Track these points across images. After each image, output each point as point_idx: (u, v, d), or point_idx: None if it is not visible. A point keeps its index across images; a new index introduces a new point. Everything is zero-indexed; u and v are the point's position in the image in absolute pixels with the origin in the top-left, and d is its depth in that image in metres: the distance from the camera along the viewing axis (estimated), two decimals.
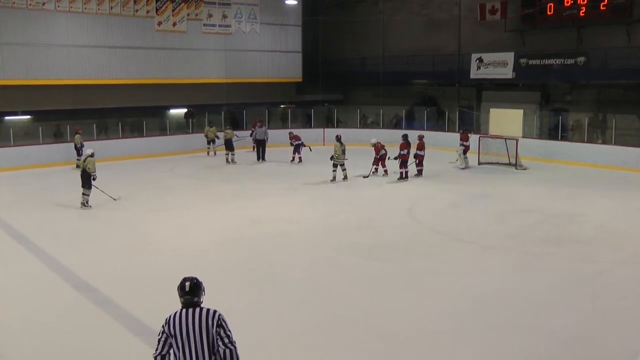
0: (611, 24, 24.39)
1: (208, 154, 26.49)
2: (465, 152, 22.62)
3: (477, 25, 28.86)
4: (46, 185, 19.87)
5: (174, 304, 9.25)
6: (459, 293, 9.82)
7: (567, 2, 25.15)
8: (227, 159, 24.35)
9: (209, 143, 26.45)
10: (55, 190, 19.09)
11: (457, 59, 29.63)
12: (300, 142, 23.99)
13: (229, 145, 24.42)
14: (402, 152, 19.79)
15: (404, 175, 19.92)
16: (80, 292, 9.92)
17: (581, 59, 24.67)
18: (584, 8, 24.66)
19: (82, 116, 25.85)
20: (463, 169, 22.38)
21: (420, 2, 31.83)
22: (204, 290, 5.24)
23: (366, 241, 12.92)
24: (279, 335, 8.30)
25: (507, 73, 26.71)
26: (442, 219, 15.18)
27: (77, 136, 23.05)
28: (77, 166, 22.94)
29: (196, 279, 5.24)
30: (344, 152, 19.62)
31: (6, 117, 25.69)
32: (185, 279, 5.21)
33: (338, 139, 19.91)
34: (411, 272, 11.00)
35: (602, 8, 24.19)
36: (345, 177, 19.76)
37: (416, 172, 20.61)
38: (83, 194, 15.96)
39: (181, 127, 29.66)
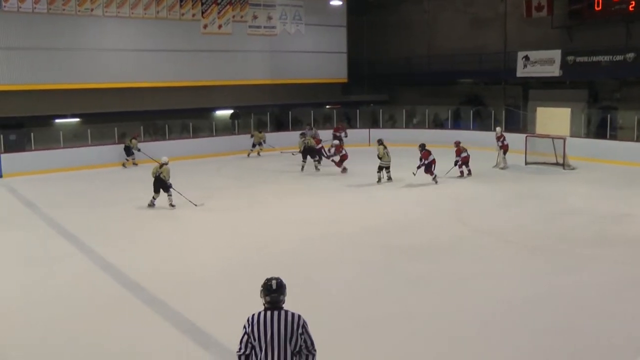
0: None
1: (249, 155, 26.65)
2: (505, 151, 22.19)
3: (523, 22, 28.49)
4: (95, 186, 20.34)
5: (221, 302, 9.44)
6: (506, 295, 9.69)
7: None
8: (306, 166, 22.51)
9: (253, 145, 26.63)
10: (104, 190, 19.54)
11: (503, 57, 29.26)
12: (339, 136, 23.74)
13: (311, 153, 22.45)
14: (425, 162, 19.40)
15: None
16: (129, 290, 10.14)
17: (630, 55, 24.06)
18: (633, 2, 24.07)
19: (129, 118, 26.32)
20: (502, 168, 22.10)
21: (465, 0, 31.57)
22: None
23: (412, 242, 12.85)
24: (324, 335, 8.31)
25: (554, 71, 26.28)
26: (489, 220, 15.01)
27: (134, 141, 24.26)
28: (124, 165, 23.93)
29: (280, 279, 5.17)
30: (387, 154, 19.53)
31: (56, 120, 26.36)
32: (270, 279, 5.13)
33: (380, 142, 19.83)
34: (457, 274, 10.88)
35: None
36: (389, 179, 19.68)
37: (467, 173, 20.53)
38: (169, 195, 16.20)
39: (227, 128, 29.95)
